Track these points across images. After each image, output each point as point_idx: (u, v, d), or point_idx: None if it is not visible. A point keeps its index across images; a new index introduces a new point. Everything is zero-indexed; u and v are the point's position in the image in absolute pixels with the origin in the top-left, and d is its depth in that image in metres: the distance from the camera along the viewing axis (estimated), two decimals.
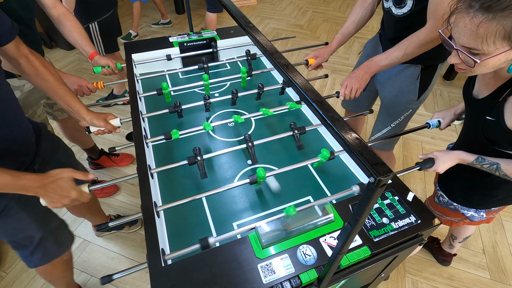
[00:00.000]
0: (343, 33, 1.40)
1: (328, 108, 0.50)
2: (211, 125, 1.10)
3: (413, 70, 1.26)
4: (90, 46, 1.39)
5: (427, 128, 1.14)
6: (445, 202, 1.14)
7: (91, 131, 1.11)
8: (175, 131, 1.07)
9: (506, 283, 1.54)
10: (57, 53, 3.38)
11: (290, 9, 4.48)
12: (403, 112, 1.37)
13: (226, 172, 1.08)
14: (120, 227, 1.72)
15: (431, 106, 2.67)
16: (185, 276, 0.69)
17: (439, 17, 0.99)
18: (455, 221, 1.19)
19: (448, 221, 1.21)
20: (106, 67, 1.41)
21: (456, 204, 1.10)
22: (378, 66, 1.15)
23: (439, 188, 1.16)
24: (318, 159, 0.97)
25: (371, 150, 0.42)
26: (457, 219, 1.17)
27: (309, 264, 0.71)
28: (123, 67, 1.45)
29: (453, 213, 1.14)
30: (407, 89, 1.30)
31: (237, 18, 0.82)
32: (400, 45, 1.09)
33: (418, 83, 1.28)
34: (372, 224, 0.80)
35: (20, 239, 0.99)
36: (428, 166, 0.94)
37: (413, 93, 1.30)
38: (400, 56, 1.09)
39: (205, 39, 1.64)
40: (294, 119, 1.31)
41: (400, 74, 1.30)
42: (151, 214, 0.80)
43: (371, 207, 0.42)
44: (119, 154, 2.11)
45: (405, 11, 1.12)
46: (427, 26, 1.03)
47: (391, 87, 1.34)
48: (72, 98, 1.03)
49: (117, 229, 1.72)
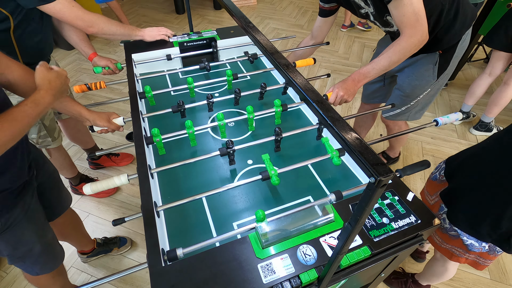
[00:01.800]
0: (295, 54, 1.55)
1: (328, 108, 0.50)
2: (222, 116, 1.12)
3: (432, 57, 1.31)
4: (89, 47, 1.39)
5: (435, 126, 1.13)
6: (446, 228, 1.03)
7: (94, 130, 1.11)
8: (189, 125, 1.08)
9: (506, 283, 1.53)
10: (57, 53, 3.38)
11: (290, 9, 4.48)
12: (422, 92, 1.42)
13: (226, 172, 1.08)
14: (109, 250, 1.61)
15: (431, 106, 2.67)
16: (185, 276, 0.69)
17: (409, 25, 1.04)
18: (456, 253, 1.05)
19: (448, 252, 1.07)
20: (106, 68, 1.41)
21: (457, 229, 0.99)
22: (366, 77, 1.17)
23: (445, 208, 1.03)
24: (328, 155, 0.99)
25: (372, 150, 0.42)
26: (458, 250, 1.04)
27: (309, 264, 0.71)
28: (123, 66, 1.45)
29: (453, 240, 1.02)
30: (426, 73, 1.35)
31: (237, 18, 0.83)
32: (385, 53, 1.12)
33: (437, 68, 1.33)
34: (372, 224, 0.80)
35: (21, 252, 0.98)
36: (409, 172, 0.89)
37: (432, 76, 1.35)
38: (387, 65, 1.12)
39: (205, 39, 1.64)
40: (294, 119, 1.31)
41: (418, 62, 1.35)
42: (151, 214, 0.80)
43: (371, 207, 0.42)
44: (119, 153, 2.11)
45: (396, 29, 1.19)
46: (404, 35, 1.07)
47: (409, 72, 1.39)
48: (71, 104, 1.03)
49: (105, 252, 1.61)
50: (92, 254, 1.58)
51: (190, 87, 1.33)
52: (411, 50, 1.08)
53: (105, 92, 2.79)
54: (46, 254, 1.06)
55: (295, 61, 1.46)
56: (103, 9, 4.27)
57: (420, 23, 1.03)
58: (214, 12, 4.38)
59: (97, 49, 3.45)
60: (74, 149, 2.21)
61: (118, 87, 2.86)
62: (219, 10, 4.40)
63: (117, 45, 3.53)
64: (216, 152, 1.00)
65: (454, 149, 2.25)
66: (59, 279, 1.25)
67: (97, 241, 1.60)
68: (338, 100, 1.18)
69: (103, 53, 3.41)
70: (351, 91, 1.17)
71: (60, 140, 1.56)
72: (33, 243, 0.98)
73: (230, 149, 0.99)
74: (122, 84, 2.71)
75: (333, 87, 1.19)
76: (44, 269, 1.10)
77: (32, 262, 1.04)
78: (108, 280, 0.75)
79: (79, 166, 2.04)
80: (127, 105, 1.23)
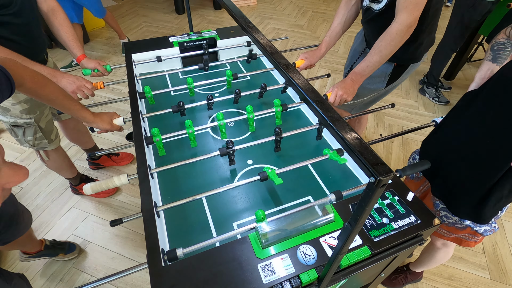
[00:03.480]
0: (330, 35, 1.44)
1: (328, 108, 0.50)
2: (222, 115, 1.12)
3: (386, 66, 1.35)
4: (78, 48, 1.35)
5: (434, 126, 1.13)
6: (451, 222, 1.04)
7: (94, 130, 1.11)
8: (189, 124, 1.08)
9: (506, 283, 1.53)
10: (57, 53, 3.38)
11: (290, 9, 4.48)
12: (368, 94, 1.50)
13: (226, 172, 1.08)
14: (54, 254, 1.57)
15: (431, 105, 2.67)
16: (185, 276, 0.69)
17: (411, 10, 1.03)
18: (465, 238, 1.06)
19: (458, 239, 1.08)
20: (95, 70, 1.40)
21: (468, 223, 0.98)
22: (363, 76, 1.20)
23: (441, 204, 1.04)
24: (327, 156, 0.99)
25: (372, 150, 0.42)
26: (468, 235, 1.04)
27: (309, 264, 0.71)
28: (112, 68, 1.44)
29: (462, 230, 1.03)
30: (377, 79, 1.41)
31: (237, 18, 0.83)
32: (375, 49, 1.13)
33: (388, 77, 1.38)
34: (372, 224, 0.79)
35: None
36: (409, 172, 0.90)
37: (382, 84, 1.41)
38: (379, 59, 1.14)
39: (205, 39, 1.64)
40: (294, 119, 1.31)
41: None
42: (151, 214, 0.80)
43: (371, 207, 0.42)
44: (119, 153, 2.11)
45: (381, 6, 1.17)
46: (397, 20, 1.06)
47: None
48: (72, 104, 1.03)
49: (49, 255, 1.56)
50: (36, 256, 1.53)
51: (190, 87, 1.32)
52: (401, 39, 1.08)
53: (105, 92, 2.79)
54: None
55: (295, 61, 1.47)
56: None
57: (417, 8, 1.03)
58: (214, 12, 4.38)
59: (96, 49, 3.48)
60: (74, 149, 2.21)
61: (118, 87, 2.86)
62: (219, 10, 4.41)
63: (118, 45, 3.53)
64: (216, 152, 1.00)
65: None
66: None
67: (46, 243, 1.54)
68: (338, 100, 1.20)
69: (103, 53, 3.41)
70: (350, 91, 1.20)
71: (58, 141, 1.55)
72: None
73: (230, 149, 0.99)
74: (122, 84, 2.72)
75: (332, 87, 1.21)
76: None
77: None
78: (108, 280, 0.75)
79: (79, 166, 2.04)
80: (127, 105, 1.23)
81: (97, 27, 3.89)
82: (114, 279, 0.76)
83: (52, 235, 1.71)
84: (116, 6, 4.51)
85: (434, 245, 1.25)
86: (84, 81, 1.29)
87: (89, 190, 0.88)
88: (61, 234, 1.73)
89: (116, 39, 3.65)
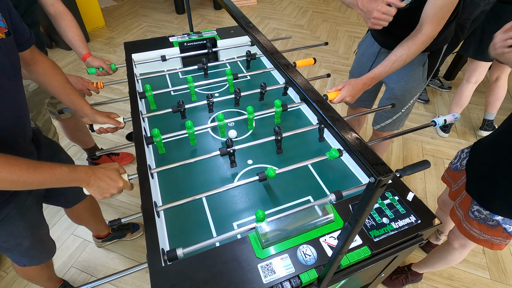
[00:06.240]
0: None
1: (329, 108, 0.50)
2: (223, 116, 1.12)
3: (420, 58, 1.27)
4: (83, 47, 1.37)
5: (433, 126, 1.13)
6: (483, 218, 0.98)
7: (94, 129, 1.11)
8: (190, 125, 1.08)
9: (506, 283, 1.53)
10: (57, 53, 3.38)
11: (290, 9, 4.48)
12: (412, 96, 1.39)
13: (226, 172, 1.08)
14: (122, 235, 1.68)
15: (431, 106, 2.67)
16: (185, 276, 0.69)
17: (438, 23, 0.99)
18: (496, 242, 1.00)
19: (488, 242, 1.02)
20: (100, 68, 1.40)
21: (498, 218, 0.94)
22: (377, 80, 1.13)
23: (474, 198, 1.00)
24: (326, 156, 0.98)
25: (371, 150, 0.42)
26: (498, 239, 0.99)
27: (309, 264, 0.71)
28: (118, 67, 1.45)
29: (493, 230, 0.98)
30: (415, 76, 1.32)
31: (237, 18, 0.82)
32: (397, 56, 1.08)
33: (427, 68, 1.30)
34: (372, 224, 0.80)
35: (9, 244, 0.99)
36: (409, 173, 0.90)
37: (422, 78, 1.33)
38: (398, 66, 1.10)
39: (205, 39, 1.64)
40: (294, 119, 1.31)
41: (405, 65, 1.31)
42: (151, 214, 0.80)
43: (371, 207, 0.42)
44: (119, 153, 2.11)
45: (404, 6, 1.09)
46: (424, 32, 1.02)
47: (398, 77, 1.35)
48: (77, 96, 1.05)
49: (119, 237, 1.67)
50: (107, 239, 1.64)
51: (190, 86, 1.33)
52: (424, 49, 1.06)
53: (105, 92, 2.79)
54: (35, 249, 1.07)
55: (295, 61, 1.46)
56: (103, 8, 4.28)
57: (444, 21, 1.01)
58: (214, 12, 4.38)
59: (97, 49, 3.48)
60: (74, 149, 2.21)
61: (118, 87, 2.86)
62: (219, 10, 4.40)
63: (118, 45, 3.53)
64: (216, 152, 1.00)
65: (454, 149, 2.25)
66: (46, 271, 1.27)
67: (113, 227, 1.65)
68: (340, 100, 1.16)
69: (103, 53, 3.41)
70: (357, 95, 1.15)
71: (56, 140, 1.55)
72: (23, 238, 0.99)
73: (230, 148, 0.99)
74: (122, 84, 2.72)
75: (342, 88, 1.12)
76: (31, 262, 1.12)
77: (20, 254, 1.05)
78: (108, 280, 0.75)
79: None
80: (127, 105, 1.23)
81: (97, 27, 3.89)
82: (114, 279, 0.76)
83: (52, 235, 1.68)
84: (116, 6, 4.51)
85: (451, 245, 1.21)
86: (86, 83, 1.34)
87: None
88: (61, 234, 1.73)
89: (116, 39, 3.65)
